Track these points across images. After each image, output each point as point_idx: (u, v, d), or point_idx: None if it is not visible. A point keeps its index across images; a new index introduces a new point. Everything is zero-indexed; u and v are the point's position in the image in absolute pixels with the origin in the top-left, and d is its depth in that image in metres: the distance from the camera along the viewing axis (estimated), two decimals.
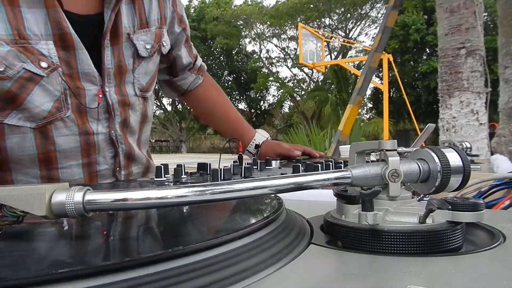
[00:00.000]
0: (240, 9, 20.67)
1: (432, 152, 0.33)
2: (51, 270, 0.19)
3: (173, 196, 0.28)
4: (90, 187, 0.28)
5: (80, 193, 0.27)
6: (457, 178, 0.32)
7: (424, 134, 1.21)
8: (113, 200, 0.27)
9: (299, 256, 0.29)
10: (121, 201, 0.27)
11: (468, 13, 3.68)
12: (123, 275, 0.20)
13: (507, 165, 0.91)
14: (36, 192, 0.27)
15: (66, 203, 0.26)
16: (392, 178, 0.31)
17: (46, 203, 0.26)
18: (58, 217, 0.27)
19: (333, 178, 0.31)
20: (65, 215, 0.27)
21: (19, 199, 0.27)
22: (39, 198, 0.26)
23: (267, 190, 0.30)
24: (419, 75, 15.91)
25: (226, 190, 0.29)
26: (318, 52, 9.28)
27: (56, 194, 0.27)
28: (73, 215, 0.27)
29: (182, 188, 0.28)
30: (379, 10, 18.87)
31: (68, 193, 0.27)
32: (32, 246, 0.28)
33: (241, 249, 0.26)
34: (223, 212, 0.36)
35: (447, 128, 3.83)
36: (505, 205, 0.57)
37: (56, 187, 0.27)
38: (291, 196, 0.63)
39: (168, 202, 0.28)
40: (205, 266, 0.23)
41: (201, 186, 0.29)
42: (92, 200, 0.27)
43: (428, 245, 0.29)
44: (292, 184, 0.31)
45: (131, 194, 0.27)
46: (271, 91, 24.80)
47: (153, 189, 0.28)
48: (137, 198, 0.27)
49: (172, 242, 0.25)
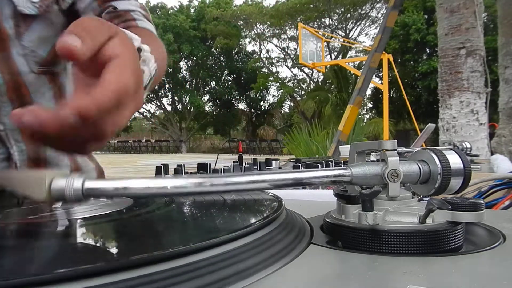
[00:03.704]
0: (240, 9, 20.68)
1: (433, 154, 0.33)
2: (48, 270, 0.19)
3: (172, 187, 0.28)
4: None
5: (80, 179, 0.28)
6: (458, 180, 0.32)
7: (424, 134, 1.21)
8: (111, 188, 0.28)
9: (299, 256, 0.29)
10: (120, 190, 0.28)
11: (468, 13, 3.68)
12: (128, 274, 0.20)
13: (507, 165, 0.91)
14: (36, 177, 0.28)
15: (66, 189, 0.27)
16: (391, 178, 0.31)
17: (46, 188, 0.27)
18: (56, 202, 0.29)
19: (333, 176, 0.31)
20: (63, 200, 0.28)
21: (20, 183, 0.28)
22: (39, 183, 0.27)
23: (266, 184, 0.30)
24: (419, 75, 15.92)
25: (225, 182, 0.29)
26: (318, 52, 9.27)
27: (56, 179, 0.28)
28: (71, 199, 0.28)
29: (181, 178, 0.29)
30: (379, 10, 18.89)
31: (68, 179, 0.28)
32: (21, 247, 0.28)
33: (241, 249, 0.26)
34: (223, 211, 0.36)
35: (447, 128, 3.84)
36: (505, 205, 0.58)
37: (56, 173, 0.28)
38: (291, 196, 0.63)
39: (167, 192, 0.29)
40: (204, 265, 0.23)
41: (200, 177, 0.29)
42: (91, 187, 0.28)
43: (428, 245, 0.29)
44: (291, 180, 0.31)
45: (130, 183, 0.28)
46: (271, 91, 24.85)
47: (152, 179, 0.29)
48: (135, 187, 0.28)
49: (171, 242, 0.25)
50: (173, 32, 20.97)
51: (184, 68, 24.07)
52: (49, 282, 0.19)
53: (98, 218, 0.34)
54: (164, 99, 24.03)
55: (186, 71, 24.22)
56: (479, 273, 0.26)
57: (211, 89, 24.58)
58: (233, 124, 25.47)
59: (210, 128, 25.93)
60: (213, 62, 24.34)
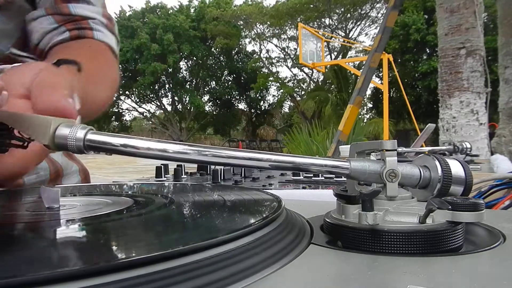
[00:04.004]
0: (240, 9, 20.67)
1: (436, 162, 0.33)
2: (48, 270, 0.19)
3: (173, 151, 0.29)
4: (93, 128, 0.30)
5: (83, 130, 0.29)
6: (458, 188, 0.33)
7: (424, 134, 1.21)
8: (112, 143, 0.29)
9: (299, 256, 0.29)
10: (120, 146, 0.29)
11: (468, 13, 3.68)
12: (128, 274, 0.20)
13: (507, 165, 0.91)
14: (43, 122, 0.29)
15: (69, 138, 0.28)
16: (389, 178, 0.31)
17: (50, 133, 0.28)
18: (58, 149, 0.29)
19: (331, 166, 0.32)
20: (65, 148, 0.29)
21: (27, 125, 0.29)
22: (45, 128, 0.29)
23: (266, 163, 0.31)
24: (419, 75, 15.92)
25: (227, 155, 0.30)
26: (318, 52, 9.27)
27: (61, 127, 0.29)
28: (73, 149, 0.29)
29: (183, 145, 0.30)
30: (379, 10, 18.89)
31: (71, 128, 0.29)
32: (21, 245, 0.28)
33: (241, 248, 0.26)
34: (223, 211, 0.36)
35: (447, 128, 3.84)
36: (505, 205, 0.58)
37: (62, 121, 0.29)
38: (291, 196, 0.63)
39: (168, 156, 0.30)
40: (204, 265, 0.23)
41: (202, 147, 0.30)
42: (93, 139, 0.29)
43: (428, 245, 0.29)
44: (291, 163, 0.32)
45: (132, 141, 0.29)
46: (271, 91, 24.84)
47: (155, 141, 0.30)
48: (136, 146, 0.29)
49: (171, 242, 0.25)
50: (173, 32, 20.98)
51: (184, 68, 24.09)
52: (49, 282, 0.19)
53: (98, 218, 0.34)
54: (164, 99, 24.06)
55: (186, 71, 24.23)
56: (479, 273, 0.25)
57: (211, 89, 24.58)
58: (233, 124, 25.48)
59: (210, 128, 25.94)
60: (213, 62, 24.34)
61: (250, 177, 0.83)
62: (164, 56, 20.91)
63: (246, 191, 0.46)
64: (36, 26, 0.65)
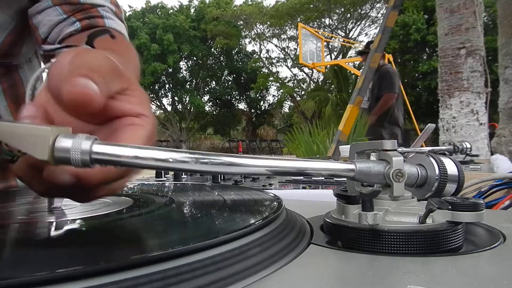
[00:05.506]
0: (240, 9, 20.67)
1: (432, 160, 0.33)
2: (48, 270, 0.19)
3: (192, 162, 0.26)
4: (97, 137, 0.25)
5: (88, 141, 0.24)
6: (452, 185, 0.33)
7: (424, 134, 1.21)
8: (122, 155, 0.25)
9: (299, 256, 0.29)
10: (132, 158, 0.25)
11: (468, 13, 3.68)
12: (128, 274, 0.20)
13: (507, 165, 0.91)
14: (39, 133, 0.24)
15: (72, 150, 0.24)
16: (396, 178, 0.31)
17: (49, 147, 0.24)
18: (59, 164, 0.25)
19: (337, 169, 0.31)
20: (68, 162, 0.24)
21: (21, 139, 0.24)
22: (43, 141, 0.24)
23: (268, 171, 0.29)
24: (419, 75, 15.91)
25: (229, 162, 0.28)
26: (318, 52, 9.28)
27: (60, 138, 0.24)
28: (77, 164, 0.24)
29: (201, 154, 0.27)
30: (379, 10, 18.87)
31: (74, 139, 0.24)
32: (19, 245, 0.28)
33: (241, 248, 0.26)
34: (223, 212, 0.36)
35: (447, 128, 3.83)
36: (505, 205, 0.58)
37: (59, 130, 0.24)
38: (291, 196, 0.63)
39: (185, 168, 0.26)
40: (204, 265, 0.23)
41: (219, 156, 0.27)
42: (100, 151, 0.24)
43: (428, 245, 0.29)
44: (295, 169, 0.30)
45: (143, 152, 0.25)
46: (271, 91, 24.84)
47: (169, 151, 0.26)
48: (149, 157, 0.25)
49: (171, 242, 0.25)
50: (173, 32, 20.97)
51: (184, 68, 24.07)
52: (49, 282, 0.19)
53: (98, 218, 0.34)
54: (164, 99, 24.02)
55: (186, 71, 24.21)
56: (479, 273, 0.25)
57: (211, 89, 24.58)
58: (233, 124, 25.47)
59: (210, 128, 25.93)
60: (213, 62, 24.33)
61: (250, 177, 0.83)
62: (164, 56, 20.90)
63: (246, 191, 0.46)
64: (43, 19, 0.61)
